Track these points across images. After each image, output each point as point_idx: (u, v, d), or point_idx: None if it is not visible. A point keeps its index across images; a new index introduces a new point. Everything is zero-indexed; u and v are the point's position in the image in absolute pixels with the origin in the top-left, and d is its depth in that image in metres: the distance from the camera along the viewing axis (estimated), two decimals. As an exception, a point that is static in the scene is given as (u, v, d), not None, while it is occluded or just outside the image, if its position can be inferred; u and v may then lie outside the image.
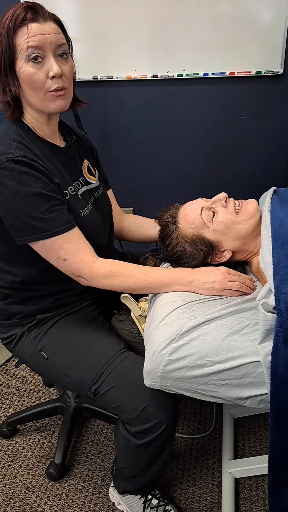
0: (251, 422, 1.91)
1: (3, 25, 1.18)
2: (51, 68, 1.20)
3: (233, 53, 2.08)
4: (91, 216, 1.39)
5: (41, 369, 1.45)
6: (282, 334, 1.03)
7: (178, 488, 1.67)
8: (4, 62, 1.19)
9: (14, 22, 1.17)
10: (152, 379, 1.21)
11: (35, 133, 1.30)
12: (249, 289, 1.28)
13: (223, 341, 1.13)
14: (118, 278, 1.30)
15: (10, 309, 1.44)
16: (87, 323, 1.44)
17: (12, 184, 1.19)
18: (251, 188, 2.29)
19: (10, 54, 1.18)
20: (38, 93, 1.22)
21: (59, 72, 1.21)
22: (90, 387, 1.34)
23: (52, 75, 1.20)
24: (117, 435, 1.39)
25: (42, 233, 1.23)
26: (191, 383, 1.17)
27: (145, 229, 1.67)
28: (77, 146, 1.47)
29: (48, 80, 1.21)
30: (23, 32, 1.17)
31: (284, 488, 1.15)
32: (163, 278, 1.30)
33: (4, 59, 1.19)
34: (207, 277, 1.28)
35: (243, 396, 1.14)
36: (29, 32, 1.17)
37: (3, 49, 1.18)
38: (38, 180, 1.22)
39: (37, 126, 1.31)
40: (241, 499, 1.62)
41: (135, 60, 2.19)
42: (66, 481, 1.71)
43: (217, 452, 1.80)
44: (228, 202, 1.36)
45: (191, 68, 2.15)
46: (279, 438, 1.09)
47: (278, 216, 1.28)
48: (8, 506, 1.62)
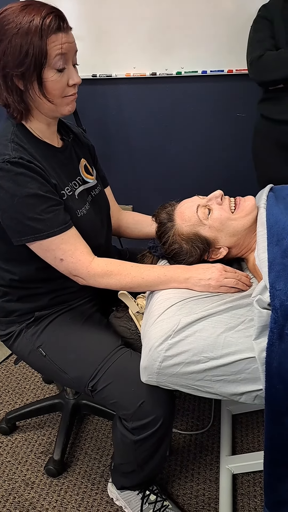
0: (249, 418, 1.92)
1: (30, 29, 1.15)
2: (72, 77, 1.24)
3: (231, 51, 2.09)
4: (88, 216, 1.40)
5: (39, 366, 1.46)
6: (277, 330, 1.04)
7: (176, 484, 1.68)
8: (33, 68, 1.17)
9: (48, 29, 1.15)
10: (149, 375, 1.21)
11: (32, 133, 1.30)
12: (245, 286, 1.29)
13: (219, 337, 1.14)
14: (115, 277, 1.31)
15: (8, 306, 1.45)
16: (84, 320, 1.45)
17: (9, 185, 1.20)
18: (249, 185, 2.30)
19: (41, 60, 1.17)
20: (56, 99, 1.24)
21: (79, 81, 1.25)
22: (88, 383, 1.34)
23: (73, 84, 1.24)
24: (115, 431, 1.40)
25: (39, 233, 1.24)
26: (187, 379, 1.18)
27: (143, 226, 1.67)
28: (74, 145, 1.47)
29: (66, 87, 1.24)
30: (53, 40, 1.17)
31: (279, 483, 1.16)
32: (160, 275, 1.31)
33: (35, 65, 1.17)
34: (203, 274, 1.28)
35: (238, 392, 1.15)
36: (62, 41, 1.18)
37: (34, 55, 1.16)
38: (35, 181, 1.22)
39: (37, 127, 1.31)
40: (239, 495, 1.62)
41: (134, 58, 2.20)
42: (65, 477, 1.72)
43: (215, 448, 1.80)
44: (224, 199, 1.37)
45: (189, 66, 2.16)
46: (274, 434, 1.10)
47: (273, 213, 1.29)
48: (7, 502, 1.63)
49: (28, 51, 1.15)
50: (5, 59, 1.17)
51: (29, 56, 1.15)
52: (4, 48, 1.17)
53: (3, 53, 1.17)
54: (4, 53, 1.17)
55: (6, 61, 1.17)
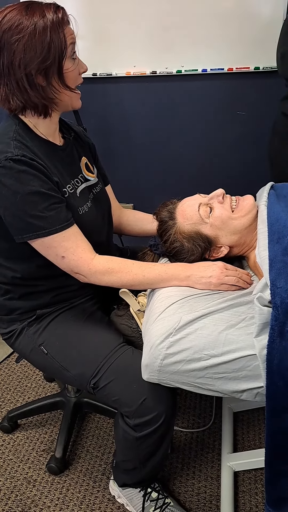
0: (250, 416, 1.92)
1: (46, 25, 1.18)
2: (81, 65, 1.29)
3: (231, 49, 2.09)
4: (90, 213, 1.41)
5: (41, 363, 1.47)
6: (277, 327, 1.04)
7: (178, 482, 1.68)
8: (57, 61, 1.20)
9: (61, 21, 1.20)
10: (150, 373, 1.22)
11: (34, 131, 1.31)
12: (246, 283, 1.29)
13: (220, 335, 1.14)
14: (116, 274, 1.31)
15: (10, 304, 1.45)
16: (86, 317, 1.45)
17: (11, 182, 1.21)
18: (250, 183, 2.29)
19: (62, 52, 1.20)
20: (72, 85, 1.28)
21: (87, 69, 1.31)
22: (90, 381, 1.35)
23: (83, 71, 1.29)
24: (117, 428, 1.40)
25: (40, 231, 1.25)
26: (188, 376, 1.18)
27: (144, 224, 1.67)
28: (75, 144, 1.48)
29: (78, 76, 1.30)
30: (67, 31, 1.22)
31: (280, 479, 1.16)
32: (161, 273, 1.31)
33: (58, 58, 1.20)
34: (204, 272, 1.29)
35: (240, 389, 1.15)
36: (71, 31, 1.23)
37: (56, 47, 1.19)
38: (37, 178, 1.23)
39: (40, 125, 1.31)
40: (240, 492, 1.63)
41: (134, 56, 2.20)
42: (67, 475, 1.72)
43: (216, 446, 1.81)
44: (225, 198, 1.37)
45: (190, 64, 2.16)
46: (275, 431, 1.11)
47: (274, 211, 1.29)
48: (9, 499, 1.64)
49: (50, 46, 1.18)
50: (26, 58, 1.18)
51: (51, 50, 1.19)
52: (23, 47, 1.17)
53: (23, 52, 1.17)
54: (24, 51, 1.17)
55: (28, 59, 1.18)
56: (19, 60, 1.18)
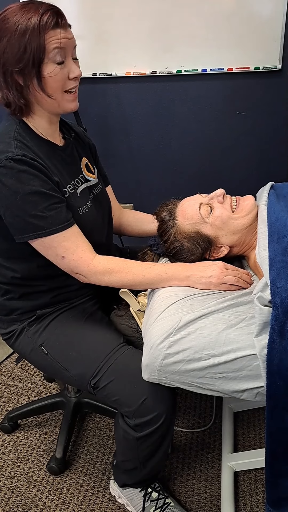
0: (251, 416, 1.92)
1: (28, 26, 1.17)
2: (71, 70, 1.25)
3: (231, 49, 2.09)
4: (90, 213, 1.41)
5: (41, 364, 1.46)
6: (277, 327, 1.04)
7: (178, 482, 1.68)
8: (32, 63, 1.19)
9: (45, 25, 1.18)
10: (150, 373, 1.22)
11: (34, 131, 1.31)
12: (246, 283, 1.29)
13: (220, 334, 1.14)
14: (116, 274, 1.31)
15: (10, 304, 1.45)
16: (86, 318, 1.45)
17: (12, 182, 1.21)
18: (249, 183, 2.30)
19: (39, 56, 1.19)
20: (57, 93, 1.25)
21: (79, 74, 1.27)
22: (90, 381, 1.35)
23: (73, 77, 1.26)
24: (117, 428, 1.40)
25: (41, 231, 1.25)
26: (189, 376, 1.18)
27: (144, 224, 1.68)
28: (76, 144, 1.48)
29: (67, 81, 1.26)
30: (51, 35, 1.19)
31: (281, 479, 1.16)
32: (161, 273, 1.31)
33: (33, 60, 1.19)
34: (204, 272, 1.29)
35: (240, 389, 1.15)
36: (60, 36, 1.20)
37: (32, 50, 1.18)
38: (38, 178, 1.23)
39: (39, 125, 1.32)
40: (241, 492, 1.63)
41: (134, 56, 2.20)
42: (67, 475, 1.72)
43: (216, 446, 1.81)
44: (225, 198, 1.37)
45: (189, 64, 2.16)
46: (275, 430, 1.10)
47: (274, 210, 1.29)
48: (10, 500, 1.64)
49: (26, 48, 1.18)
50: (4, 57, 1.20)
51: (27, 52, 1.18)
52: (4, 46, 1.19)
53: (2, 51, 1.20)
54: (4, 51, 1.19)
55: (6, 58, 1.20)
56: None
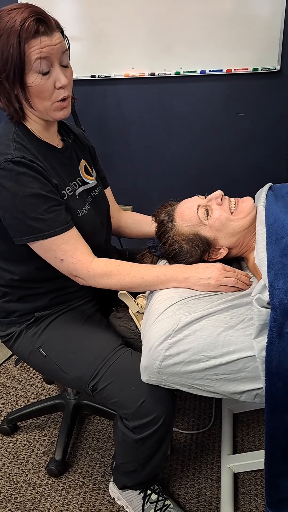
0: (250, 417, 1.92)
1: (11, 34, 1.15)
2: (58, 79, 1.22)
3: (230, 50, 2.09)
4: (88, 216, 1.41)
5: (40, 366, 1.46)
6: (276, 329, 1.04)
7: (178, 483, 1.68)
8: (14, 74, 1.17)
9: (25, 34, 1.14)
10: (149, 375, 1.22)
11: (33, 134, 1.31)
12: (245, 285, 1.29)
13: (219, 336, 1.14)
14: (115, 277, 1.31)
15: (8, 307, 1.45)
16: (85, 320, 1.45)
17: (11, 184, 1.21)
18: (248, 184, 2.30)
19: (21, 66, 1.17)
20: (45, 103, 1.24)
21: (66, 83, 1.23)
22: (88, 383, 1.35)
23: (59, 86, 1.23)
24: (116, 430, 1.40)
25: (40, 233, 1.25)
26: (187, 378, 1.18)
27: (142, 226, 1.67)
28: (75, 146, 1.48)
29: (55, 90, 1.23)
30: (32, 45, 1.16)
31: (280, 480, 1.16)
32: (159, 275, 1.31)
33: (14, 71, 1.17)
34: (203, 274, 1.29)
35: (239, 391, 1.15)
36: (41, 45, 1.16)
37: (14, 61, 1.16)
38: (37, 181, 1.23)
39: (37, 129, 1.31)
40: (240, 494, 1.63)
41: (133, 58, 2.20)
42: (67, 477, 1.72)
43: (216, 447, 1.81)
44: (224, 200, 1.37)
45: (188, 65, 2.16)
46: (274, 432, 1.10)
47: (272, 212, 1.29)
48: (9, 502, 1.64)
49: (8, 58, 1.16)
50: None
51: (9, 62, 1.16)
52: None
53: None
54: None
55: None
56: None
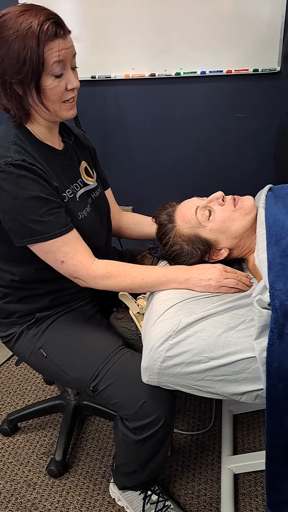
0: (250, 418, 1.92)
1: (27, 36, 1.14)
2: (70, 81, 1.24)
3: (230, 51, 2.09)
4: (89, 218, 1.41)
5: (40, 367, 1.46)
6: (277, 330, 1.04)
7: (178, 484, 1.68)
8: (31, 76, 1.17)
9: (45, 37, 1.15)
10: (150, 376, 1.22)
11: (34, 136, 1.30)
12: (245, 286, 1.29)
13: (219, 337, 1.14)
14: (115, 278, 1.31)
15: (8, 307, 1.45)
16: (85, 320, 1.45)
17: (11, 187, 1.21)
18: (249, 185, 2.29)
19: (39, 69, 1.16)
20: (55, 104, 1.25)
21: (78, 85, 1.25)
22: (89, 384, 1.35)
23: (71, 88, 1.24)
24: (116, 431, 1.40)
25: (40, 235, 1.25)
26: (188, 379, 1.18)
27: (143, 227, 1.67)
28: (75, 148, 1.48)
29: (65, 92, 1.24)
30: (51, 47, 1.16)
31: (281, 482, 1.16)
32: (160, 276, 1.31)
33: (32, 73, 1.17)
34: (203, 275, 1.29)
35: (239, 392, 1.15)
36: (59, 48, 1.17)
37: (32, 63, 1.15)
38: (37, 183, 1.23)
39: (40, 131, 1.31)
40: (240, 495, 1.63)
41: (133, 59, 2.20)
42: (67, 478, 1.72)
43: (216, 448, 1.81)
44: (225, 200, 1.37)
45: (188, 66, 2.16)
46: (274, 432, 1.10)
47: (272, 212, 1.29)
48: (10, 503, 1.64)
49: (25, 60, 1.15)
50: (3, 66, 1.17)
51: (26, 64, 1.15)
52: (3, 55, 1.16)
53: (1, 60, 1.17)
54: (3, 60, 1.17)
55: (5, 68, 1.17)
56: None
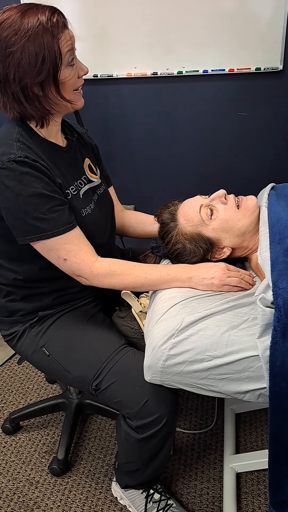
0: (253, 417, 1.92)
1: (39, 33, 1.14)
2: (81, 68, 1.27)
3: (232, 49, 2.09)
4: (93, 215, 1.41)
5: (43, 365, 1.46)
6: (280, 328, 1.04)
7: (180, 483, 1.68)
8: (52, 72, 1.17)
9: (57, 29, 1.15)
10: (152, 374, 1.22)
11: (37, 133, 1.30)
12: (248, 284, 1.29)
13: (222, 335, 1.14)
14: (118, 277, 1.31)
15: (11, 306, 1.45)
16: (88, 319, 1.45)
17: (14, 184, 1.20)
18: (251, 184, 2.30)
19: (56, 62, 1.17)
20: (71, 95, 1.26)
21: (87, 70, 1.28)
22: (92, 382, 1.35)
23: (83, 74, 1.27)
24: (119, 430, 1.40)
25: (43, 233, 1.24)
26: (191, 377, 1.18)
27: (146, 225, 1.67)
28: (78, 145, 1.48)
29: (77, 80, 1.27)
30: (63, 38, 1.18)
31: (284, 481, 1.16)
32: (163, 275, 1.31)
33: (52, 68, 1.17)
34: (206, 273, 1.29)
35: (242, 390, 1.15)
36: (68, 37, 1.19)
37: (51, 58, 1.15)
38: (40, 180, 1.23)
39: (42, 128, 1.31)
40: (243, 494, 1.63)
41: (135, 57, 2.20)
42: (69, 477, 1.72)
43: (218, 447, 1.81)
44: (228, 198, 1.37)
45: (190, 65, 2.15)
46: (278, 432, 1.10)
47: (275, 211, 1.29)
48: (12, 501, 1.64)
49: (44, 57, 1.15)
50: (21, 71, 1.16)
51: (46, 61, 1.15)
52: (18, 60, 1.15)
53: (17, 65, 1.15)
54: (19, 64, 1.15)
55: (24, 72, 1.16)
56: (13, 74, 1.16)
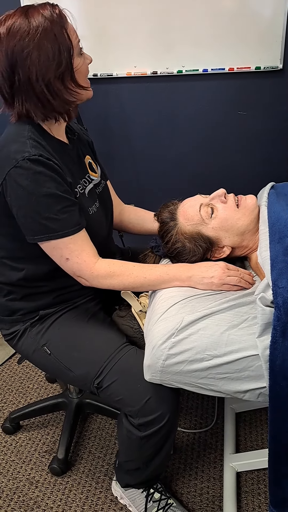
0: (253, 416, 1.92)
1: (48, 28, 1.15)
2: (86, 56, 1.28)
3: (232, 48, 2.09)
4: (98, 213, 1.41)
5: (44, 364, 1.46)
6: (280, 327, 1.04)
7: (180, 482, 1.68)
8: (69, 62, 1.19)
9: (64, 20, 1.19)
10: (152, 374, 1.22)
11: (46, 131, 1.30)
12: (248, 283, 1.29)
13: (222, 335, 1.14)
14: (118, 277, 1.31)
15: (12, 305, 1.45)
16: (89, 318, 1.45)
17: (27, 183, 1.20)
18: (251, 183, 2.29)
19: (70, 51, 1.19)
20: (85, 81, 1.27)
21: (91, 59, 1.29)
22: (93, 381, 1.35)
23: (89, 63, 1.28)
24: (120, 428, 1.40)
25: (53, 233, 1.24)
26: (191, 377, 1.18)
27: (145, 222, 1.67)
28: (79, 143, 1.48)
29: (87, 67, 1.29)
30: (70, 28, 1.20)
31: (284, 481, 1.16)
32: (162, 275, 1.31)
33: (68, 59, 1.18)
34: (206, 272, 1.29)
35: (242, 390, 1.15)
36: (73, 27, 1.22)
37: (65, 48, 1.17)
38: (53, 180, 1.22)
39: (50, 125, 1.31)
40: (243, 493, 1.63)
41: (135, 57, 2.20)
42: (69, 476, 1.72)
43: (218, 446, 1.81)
44: (228, 197, 1.37)
45: (190, 64, 2.16)
46: (278, 431, 1.10)
47: (274, 210, 1.29)
48: (12, 501, 1.64)
49: (60, 49, 1.17)
50: (42, 67, 1.16)
51: (62, 52, 1.17)
52: (36, 58, 1.15)
53: (37, 63, 1.15)
54: (39, 62, 1.15)
55: (46, 68, 1.17)
56: (36, 73, 1.16)
